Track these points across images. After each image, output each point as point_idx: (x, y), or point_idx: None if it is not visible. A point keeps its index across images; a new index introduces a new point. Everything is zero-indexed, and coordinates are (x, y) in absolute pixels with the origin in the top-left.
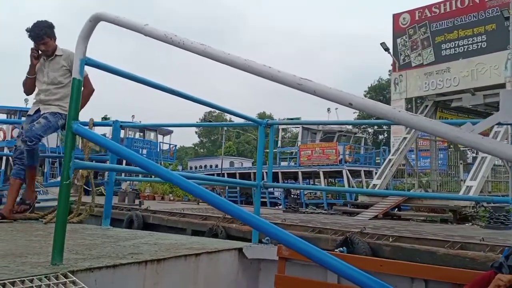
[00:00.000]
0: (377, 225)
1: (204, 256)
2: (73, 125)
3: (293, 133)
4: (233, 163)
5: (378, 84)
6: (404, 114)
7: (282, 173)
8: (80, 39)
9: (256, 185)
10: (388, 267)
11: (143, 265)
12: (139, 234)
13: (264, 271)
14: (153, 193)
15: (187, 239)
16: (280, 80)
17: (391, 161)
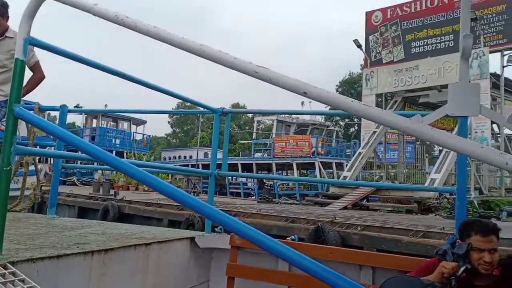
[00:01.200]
0: (347, 215)
1: (155, 246)
2: (15, 108)
3: (266, 124)
4: (208, 154)
5: (350, 78)
6: (356, 105)
7: (256, 164)
8: (24, 18)
9: (210, 174)
10: (337, 255)
11: (90, 255)
12: (87, 224)
13: (216, 260)
14: (127, 183)
15: (138, 228)
16: (236, 67)
17: (361, 154)
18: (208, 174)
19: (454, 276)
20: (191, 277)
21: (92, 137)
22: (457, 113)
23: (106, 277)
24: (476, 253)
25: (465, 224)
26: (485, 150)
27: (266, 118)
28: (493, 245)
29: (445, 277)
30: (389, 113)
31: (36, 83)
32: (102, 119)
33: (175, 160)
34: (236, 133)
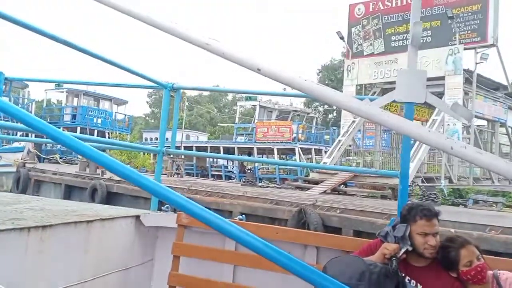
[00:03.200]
0: (327, 199)
1: (97, 223)
2: None
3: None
4: (189, 136)
5: (331, 64)
6: (309, 84)
7: (238, 148)
8: None
9: (158, 151)
10: (283, 235)
11: (26, 231)
12: (24, 199)
13: (161, 239)
14: None
15: (79, 205)
16: (187, 39)
17: (340, 142)
18: (157, 152)
19: (395, 257)
20: (135, 256)
21: (73, 115)
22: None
23: (44, 255)
24: (421, 237)
25: (409, 208)
26: (431, 134)
27: (248, 103)
28: (436, 229)
29: (386, 258)
30: (342, 95)
31: None
32: (83, 97)
33: (156, 142)
34: (215, 115)
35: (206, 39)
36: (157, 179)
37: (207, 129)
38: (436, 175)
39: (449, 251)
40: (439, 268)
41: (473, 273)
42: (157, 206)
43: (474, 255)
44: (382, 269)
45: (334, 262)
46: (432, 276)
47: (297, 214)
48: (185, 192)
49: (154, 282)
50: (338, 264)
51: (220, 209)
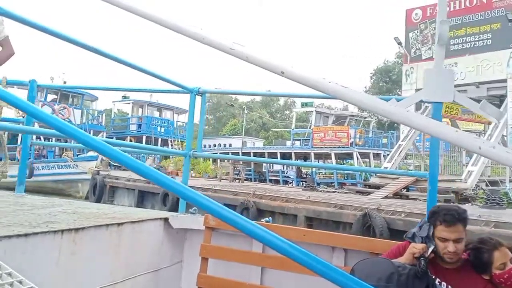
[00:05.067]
0: (389, 203)
1: (127, 226)
2: None
3: (298, 114)
4: (246, 142)
5: (384, 66)
6: (334, 86)
7: (295, 153)
8: None
9: (185, 155)
10: (310, 237)
11: (59, 234)
12: (57, 203)
13: (189, 241)
14: (177, 169)
15: (110, 208)
16: (211, 44)
17: (400, 147)
18: (183, 155)
19: (423, 256)
20: (164, 257)
21: (138, 125)
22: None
23: (77, 256)
24: (441, 242)
25: (431, 212)
26: (458, 134)
27: (304, 109)
28: (458, 235)
29: (415, 257)
30: (366, 95)
31: (5, 59)
32: (147, 108)
33: (215, 148)
34: (268, 120)
35: (230, 44)
36: (184, 182)
37: (260, 135)
38: (501, 178)
39: (482, 253)
40: (471, 270)
41: (506, 276)
42: (185, 208)
43: (508, 257)
44: (411, 271)
45: (362, 264)
46: (463, 278)
47: (362, 218)
48: (250, 196)
49: (183, 284)
50: (366, 266)
51: (285, 213)
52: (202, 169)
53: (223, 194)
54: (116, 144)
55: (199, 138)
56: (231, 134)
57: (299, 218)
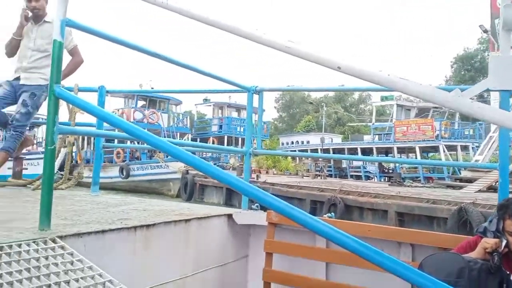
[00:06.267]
0: (484, 197)
1: (194, 222)
2: (56, 89)
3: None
4: (324, 138)
5: (465, 53)
6: (393, 78)
7: (376, 148)
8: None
9: (245, 152)
10: (376, 232)
11: (133, 230)
12: (129, 201)
13: (254, 236)
14: (258, 168)
15: (177, 205)
16: (267, 43)
17: (492, 138)
18: (244, 153)
19: (497, 251)
20: (230, 252)
21: (219, 126)
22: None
23: (149, 251)
24: (510, 236)
25: (500, 206)
26: None
27: (384, 103)
28: None
29: (487, 252)
30: (426, 86)
31: (74, 67)
32: (227, 109)
33: (293, 146)
34: (343, 115)
35: (285, 42)
36: (246, 179)
37: (336, 130)
38: None
39: None
40: None
41: None
42: (247, 205)
43: None
44: (483, 266)
45: (431, 259)
46: None
47: (457, 212)
48: (337, 192)
49: (250, 278)
50: (435, 261)
51: (374, 208)
52: (283, 166)
53: (308, 190)
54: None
55: (258, 135)
56: (306, 130)
57: (390, 214)
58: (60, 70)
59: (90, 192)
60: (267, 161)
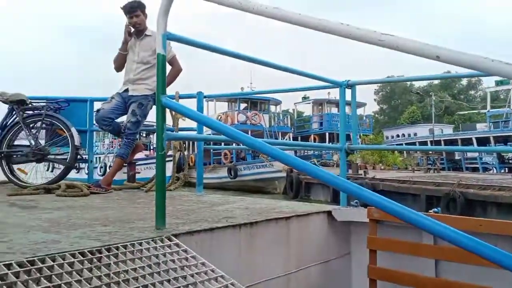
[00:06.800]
0: None
1: (294, 219)
2: (162, 99)
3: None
4: (433, 130)
5: None
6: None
7: (494, 137)
8: (160, 14)
9: (341, 148)
10: (487, 227)
11: (238, 228)
12: (231, 200)
13: (355, 233)
14: (364, 163)
15: (276, 203)
16: (359, 38)
17: None
18: (339, 149)
19: None
20: (332, 249)
21: (320, 123)
22: None
23: (253, 249)
24: None
25: None
26: None
27: (499, 88)
28: None
29: None
30: None
31: (175, 76)
32: (326, 105)
33: (399, 139)
34: (451, 103)
35: (379, 35)
36: (342, 175)
37: (444, 119)
38: None
39: None
40: None
41: None
42: (346, 202)
43: None
44: None
45: None
46: None
47: None
48: (455, 186)
49: (354, 275)
50: None
51: (499, 202)
52: (390, 161)
53: (422, 185)
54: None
55: (353, 131)
56: (410, 122)
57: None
58: (165, 81)
59: (196, 192)
60: (373, 156)
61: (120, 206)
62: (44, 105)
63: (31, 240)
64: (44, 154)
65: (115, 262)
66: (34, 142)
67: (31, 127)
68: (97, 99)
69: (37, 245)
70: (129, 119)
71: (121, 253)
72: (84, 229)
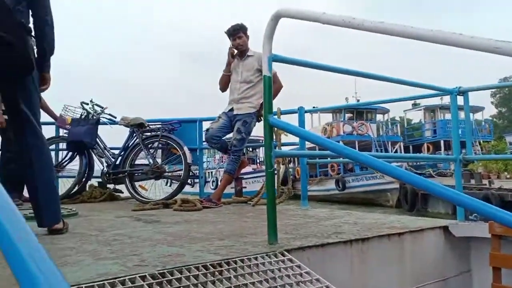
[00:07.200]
0: None
1: (407, 235)
2: (269, 119)
3: None
4: None
5: None
6: None
7: None
8: (265, 38)
9: (455, 159)
10: None
11: (349, 244)
12: (337, 214)
13: (475, 250)
14: (487, 172)
15: (386, 217)
16: (473, 47)
17: None
18: (453, 160)
19: None
20: (450, 267)
21: (433, 130)
22: None
23: (365, 265)
24: None
25: None
26: None
27: None
28: None
29: None
30: None
31: (276, 93)
32: (439, 111)
33: None
34: None
35: (494, 43)
36: (458, 188)
37: None
38: None
39: None
40: None
41: None
42: (463, 216)
43: None
44: None
45: None
46: None
47: None
48: None
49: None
50: None
51: None
52: None
53: None
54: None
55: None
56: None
57: None
58: (271, 102)
59: (301, 206)
60: (497, 164)
61: (231, 220)
62: (160, 127)
63: (159, 253)
64: (161, 172)
65: (235, 276)
66: (153, 161)
67: (149, 147)
68: (205, 119)
69: (165, 258)
70: (235, 136)
71: (239, 267)
72: (203, 243)
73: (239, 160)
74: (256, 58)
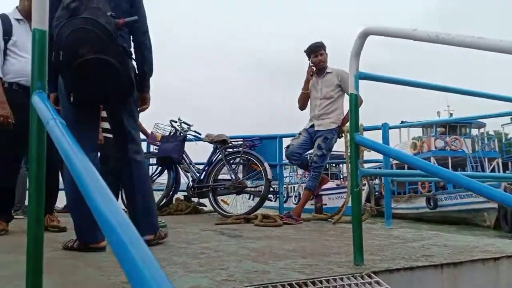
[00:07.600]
0: None
1: (504, 260)
2: (356, 137)
3: None
4: None
5: None
6: None
7: None
8: (352, 56)
9: None
10: None
11: (439, 268)
12: (424, 235)
13: None
14: None
15: (479, 240)
16: None
17: None
18: None
19: None
20: None
21: None
22: None
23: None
24: None
25: None
26: None
27: None
28: None
29: None
30: None
31: None
32: None
33: None
34: None
35: None
36: None
37: None
38: None
39: None
40: None
41: None
42: None
43: None
44: None
45: None
46: None
47: None
48: None
49: None
50: None
51: None
52: None
53: None
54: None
55: None
56: None
57: None
58: (358, 120)
59: (384, 225)
60: None
61: (312, 237)
62: (241, 143)
63: (245, 269)
64: (243, 187)
65: None
66: (234, 176)
67: (231, 163)
68: (285, 135)
69: (251, 274)
70: (316, 153)
71: (325, 287)
72: (286, 260)
73: (319, 177)
74: (335, 74)
